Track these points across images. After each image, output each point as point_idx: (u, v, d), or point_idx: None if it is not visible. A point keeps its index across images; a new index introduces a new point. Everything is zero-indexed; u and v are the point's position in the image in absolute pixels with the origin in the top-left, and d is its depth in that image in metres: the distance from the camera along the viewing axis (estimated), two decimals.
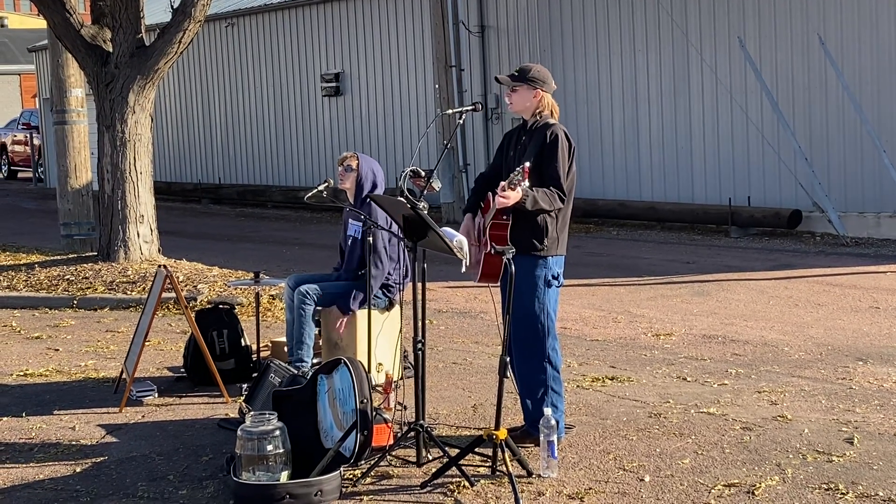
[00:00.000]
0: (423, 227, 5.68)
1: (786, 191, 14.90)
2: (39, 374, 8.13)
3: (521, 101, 6.02)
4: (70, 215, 14.73)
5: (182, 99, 25.14)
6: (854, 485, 5.29)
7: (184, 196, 24.04)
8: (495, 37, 18.40)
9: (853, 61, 14.25)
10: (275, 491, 5.24)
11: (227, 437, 6.22)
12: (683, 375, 7.58)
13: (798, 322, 9.25)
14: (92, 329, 9.89)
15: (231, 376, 7.52)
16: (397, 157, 19.83)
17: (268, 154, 22.99)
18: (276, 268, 12.81)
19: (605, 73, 16.92)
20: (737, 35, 15.26)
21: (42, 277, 11.92)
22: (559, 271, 5.99)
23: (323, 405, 5.90)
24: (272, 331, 9.17)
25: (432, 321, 9.60)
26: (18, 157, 32.22)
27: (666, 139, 16.28)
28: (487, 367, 7.87)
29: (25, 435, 6.60)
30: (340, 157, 7.62)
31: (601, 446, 6.02)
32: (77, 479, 5.78)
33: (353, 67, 20.85)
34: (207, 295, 10.76)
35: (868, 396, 6.90)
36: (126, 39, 12.09)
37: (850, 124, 14.29)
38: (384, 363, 7.11)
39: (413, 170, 6.97)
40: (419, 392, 5.74)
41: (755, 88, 15.07)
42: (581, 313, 9.91)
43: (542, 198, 5.75)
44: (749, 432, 6.16)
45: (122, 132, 12.00)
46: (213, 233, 17.96)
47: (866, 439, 5.98)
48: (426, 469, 5.64)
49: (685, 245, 14.39)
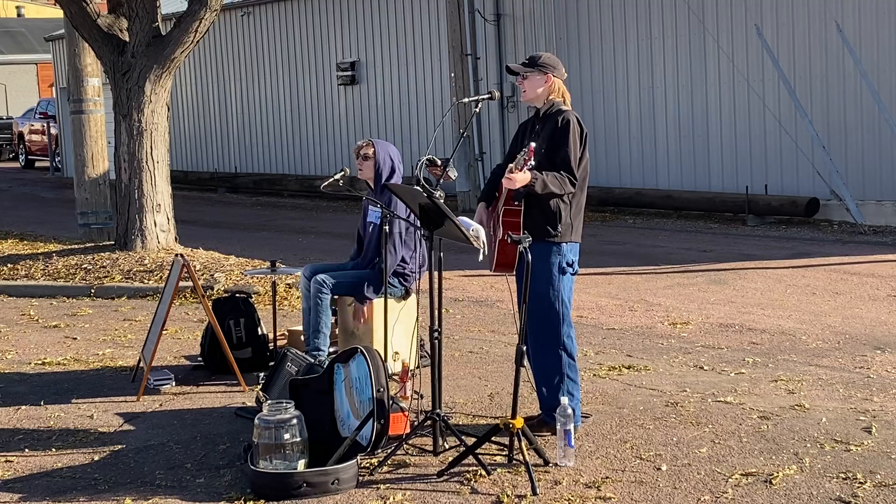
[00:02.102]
0: (439, 216, 5.67)
1: (803, 179, 14.84)
2: (57, 363, 8.16)
3: (532, 87, 6.02)
4: (87, 204, 14.77)
5: (198, 88, 25.17)
6: (872, 474, 5.28)
7: (200, 185, 24.09)
8: (511, 25, 18.36)
9: (871, 48, 14.17)
10: (292, 479, 5.25)
11: (245, 426, 6.24)
12: (700, 364, 7.57)
13: (815, 311, 9.21)
14: (109, 318, 9.93)
15: (248, 365, 7.53)
16: (413, 145, 19.82)
17: (284, 143, 23.02)
18: (293, 257, 12.83)
19: (622, 61, 16.86)
20: (754, 22, 15.18)
21: (60, 266, 11.96)
22: (574, 259, 5.97)
23: (340, 394, 5.91)
24: (289, 320, 9.19)
25: (448, 310, 9.60)
26: (36, 147, 32.32)
27: (682, 127, 16.22)
28: (504, 356, 7.86)
29: (43, 423, 6.63)
30: (355, 146, 7.61)
31: (618, 435, 6.01)
32: (95, 468, 5.80)
33: (368, 56, 20.83)
34: (224, 284, 10.78)
35: (886, 385, 6.88)
36: (142, 29, 12.10)
37: (867, 112, 14.22)
38: (400, 352, 7.12)
39: (429, 159, 6.98)
40: (435, 381, 5.74)
41: (772, 76, 15.00)
42: (597, 302, 9.90)
43: (552, 181, 5.74)
44: (766, 421, 6.15)
45: (138, 121, 12.02)
46: (229, 222, 18.00)
47: (884, 428, 5.96)
48: (443, 458, 5.65)
49: (702, 233, 14.35)
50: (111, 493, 5.41)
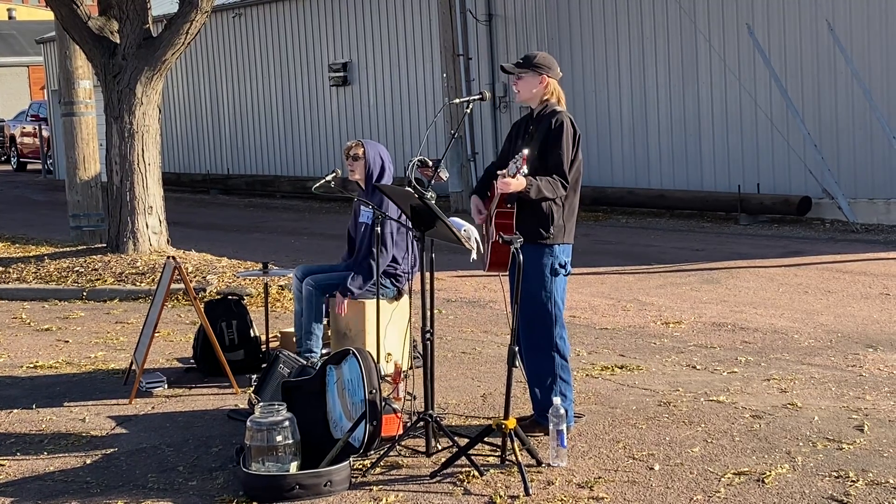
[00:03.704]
0: (431, 217, 5.67)
1: (795, 177, 14.86)
2: (49, 366, 8.14)
3: (527, 88, 6.01)
4: (79, 207, 14.75)
5: (190, 90, 25.14)
6: (864, 472, 5.28)
7: (192, 187, 24.06)
8: (503, 25, 18.36)
9: (862, 47, 14.19)
10: (284, 482, 5.25)
11: (237, 428, 6.23)
12: (693, 364, 7.57)
13: (808, 309, 9.22)
14: (101, 320, 9.91)
15: (240, 367, 7.53)
16: (405, 146, 19.82)
17: (276, 144, 23.00)
18: (285, 258, 12.82)
19: (613, 61, 16.87)
20: (745, 21, 15.20)
21: (51, 269, 11.94)
22: (566, 260, 5.97)
23: (332, 396, 5.90)
24: (281, 321, 9.18)
25: (441, 311, 9.60)
26: (27, 149, 32.27)
27: (674, 126, 16.24)
28: (496, 357, 7.86)
29: (35, 427, 6.61)
30: (345, 147, 7.60)
31: (611, 435, 6.01)
32: (87, 471, 5.79)
33: (360, 57, 20.83)
34: (216, 286, 10.77)
35: (878, 384, 6.89)
36: (133, 31, 12.09)
37: (859, 110, 14.24)
38: (393, 353, 7.11)
39: (421, 159, 6.97)
40: (428, 382, 5.74)
41: (764, 75, 15.02)
42: (590, 301, 9.90)
43: (546, 186, 5.76)
44: (759, 420, 6.15)
45: (130, 123, 12.01)
46: (221, 223, 17.98)
47: (876, 427, 5.97)
48: (435, 459, 5.65)
49: (694, 233, 14.36)
50: (103, 496, 5.40)
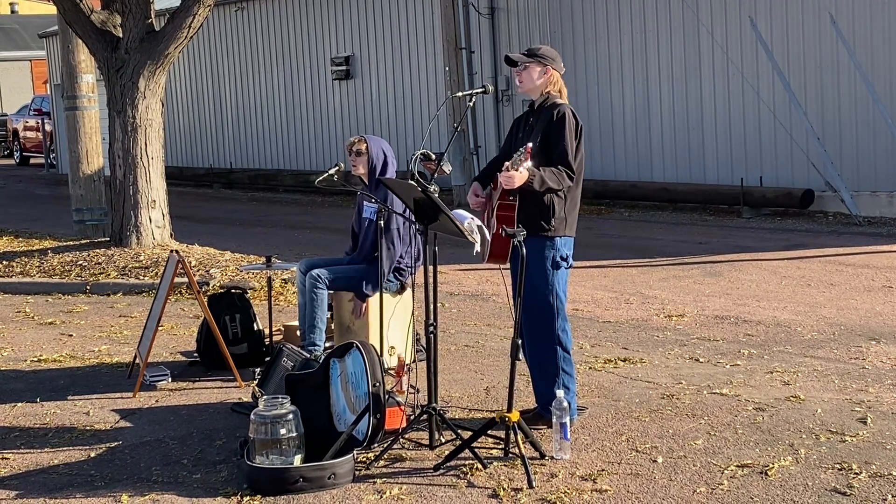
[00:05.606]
0: (434, 210, 5.67)
1: (798, 170, 14.85)
2: (53, 360, 8.15)
3: (530, 79, 6.01)
4: (82, 201, 14.76)
5: (193, 84, 25.14)
6: (867, 464, 5.29)
7: (195, 181, 24.06)
8: (505, 18, 18.35)
9: (865, 40, 14.17)
10: (288, 474, 5.26)
11: (241, 422, 6.24)
12: (696, 356, 7.58)
13: (811, 302, 9.23)
14: (105, 314, 9.92)
15: (244, 361, 7.53)
16: (408, 140, 19.82)
17: (279, 138, 23.00)
18: (288, 252, 12.83)
19: (616, 54, 16.86)
20: (748, 14, 15.18)
21: (55, 263, 11.95)
22: (568, 253, 5.97)
23: (336, 389, 5.91)
24: (284, 315, 9.19)
25: (444, 304, 9.61)
26: (30, 143, 32.27)
27: (677, 120, 16.23)
28: (499, 350, 7.87)
29: (40, 420, 6.63)
30: (347, 143, 7.60)
31: (614, 428, 6.02)
32: (91, 464, 5.80)
33: (363, 50, 20.82)
34: (220, 279, 10.78)
35: (881, 376, 6.89)
36: (136, 24, 12.09)
37: (862, 103, 14.22)
38: (396, 346, 7.12)
39: (423, 153, 6.97)
40: (431, 375, 5.74)
41: (767, 68, 15.01)
42: (593, 295, 9.91)
43: (550, 177, 5.75)
44: (762, 413, 6.16)
45: (132, 117, 12.01)
46: (224, 217, 17.99)
47: (879, 419, 5.97)
48: (439, 452, 5.66)
49: (697, 226, 14.36)
50: (108, 489, 5.41)
